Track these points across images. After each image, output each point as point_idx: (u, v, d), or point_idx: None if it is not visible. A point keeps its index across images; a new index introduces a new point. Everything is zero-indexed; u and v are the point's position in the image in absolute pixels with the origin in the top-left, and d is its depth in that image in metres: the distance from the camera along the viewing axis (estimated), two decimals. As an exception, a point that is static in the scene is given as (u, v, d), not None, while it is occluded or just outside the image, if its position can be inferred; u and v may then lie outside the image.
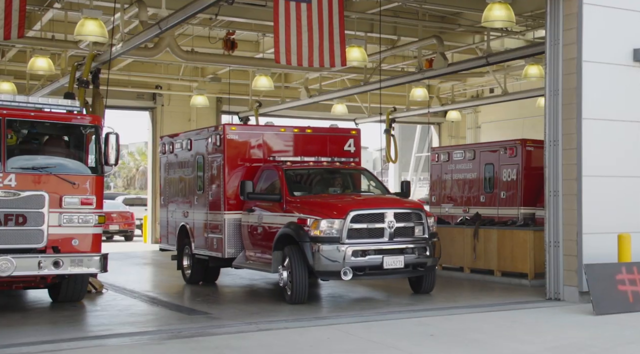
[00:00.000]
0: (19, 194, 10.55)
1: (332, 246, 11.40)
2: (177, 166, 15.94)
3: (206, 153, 14.39)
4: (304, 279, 11.61)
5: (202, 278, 14.92)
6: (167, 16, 14.51)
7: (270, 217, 12.72)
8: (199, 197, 14.65)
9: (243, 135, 14.04)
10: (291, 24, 12.79)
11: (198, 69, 26.05)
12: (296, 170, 13.41)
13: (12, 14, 13.83)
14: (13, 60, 22.58)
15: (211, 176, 14.15)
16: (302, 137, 14.48)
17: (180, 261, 15.39)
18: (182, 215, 15.38)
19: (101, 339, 9.32)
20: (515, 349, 8.57)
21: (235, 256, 13.60)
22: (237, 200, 13.51)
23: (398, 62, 23.65)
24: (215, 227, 13.90)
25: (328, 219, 11.53)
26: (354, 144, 14.79)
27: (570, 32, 11.95)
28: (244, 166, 13.80)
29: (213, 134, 14.10)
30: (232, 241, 13.56)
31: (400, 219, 11.81)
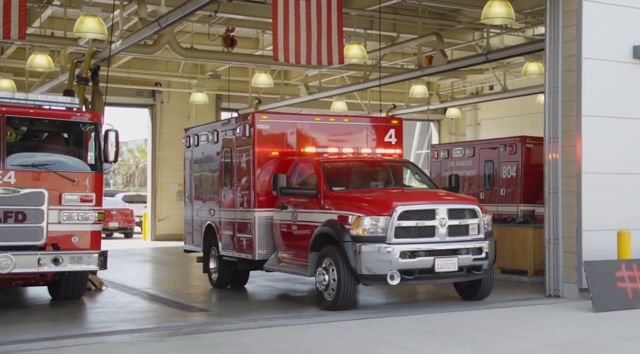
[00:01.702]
0: (18, 192, 10.55)
1: (377, 246, 10.25)
2: (202, 160, 14.72)
3: (234, 145, 13.20)
4: (351, 283, 10.49)
5: (230, 282, 13.81)
6: (167, 13, 14.52)
7: (306, 215, 11.57)
8: (226, 193, 13.46)
9: (274, 125, 12.71)
10: (290, 21, 12.79)
11: (197, 66, 26.06)
12: (334, 163, 12.28)
13: (11, 13, 13.81)
14: (12, 57, 22.57)
15: (239, 170, 12.98)
16: (338, 127, 13.23)
17: (207, 263, 14.24)
18: (208, 213, 14.20)
19: (101, 336, 9.33)
20: (515, 346, 8.58)
21: (267, 257, 12.39)
22: (268, 196, 12.36)
23: (398, 59, 23.65)
24: (245, 226, 12.72)
25: (372, 216, 10.37)
26: (395, 135, 13.53)
27: (570, 29, 11.94)
28: (275, 159, 12.58)
29: (242, 124, 12.86)
30: (263, 242, 12.39)
31: (453, 216, 10.69)
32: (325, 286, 10.74)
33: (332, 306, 10.63)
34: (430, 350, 8.39)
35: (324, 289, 10.79)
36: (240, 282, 13.95)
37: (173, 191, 27.71)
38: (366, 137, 13.33)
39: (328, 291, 10.73)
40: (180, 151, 27.26)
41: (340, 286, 10.47)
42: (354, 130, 13.30)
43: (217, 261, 13.88)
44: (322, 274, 10.79)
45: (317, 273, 10.84)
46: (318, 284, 10.88)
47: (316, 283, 10.95)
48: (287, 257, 12.12)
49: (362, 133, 13.31)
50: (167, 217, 27.56)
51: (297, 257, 11.79)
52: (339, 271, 10.46)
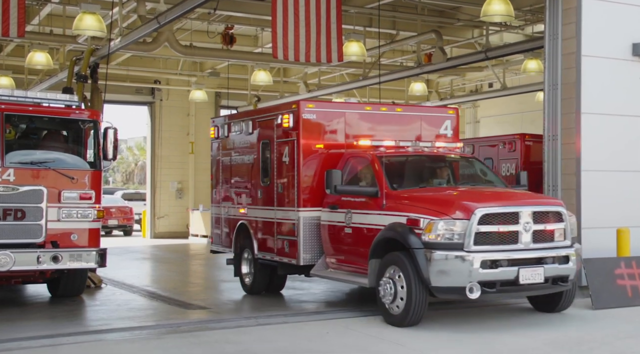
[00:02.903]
0: (17, 189, 10.54)
1: (453, 254, 8.96)
2: (234, 153, 13.38)
3: (274, 136, 11.94)
4: (423, 296, 9.21)
5: (266, 287, 12.60)
6: (166, 10, 14.50)
7: (362, 217, 10.36)
8: (264, 190, 12.24)
9: (321, 114, 11.49)
10: (289, 18, 12.77)
11: (197, 63, 26.04)
12: (394, 158, 10.92)
13: (10, 10, 13.79)
14: (11, 54, 22.56)
15: (281, 164, 11.74)
16: (390, 117, 11.98)
17: (239, 266, 13.00)
18: (241, 211, 12.93)
19: (100, 334, 9.33)
20: (515, 343, 8.58)
21: (313, 262, 11.21)
22: (315, 194, 11.26)
23: (397, 57, 23.64)
24: (287, 227, 11.53)
25: (448, 219, 9.08)
26: (451, 127, 12.36)
27: (570, 27, 11.94)
28: (321, 152, 11.40)
29: (284, 112, 11.62)
30: (308, 245, 11.19)
31: (538, 220, 9.39)
32: (391, 299, 9.41)
33: (400, 321, 9.34)
34: (430, 348, 8.39)
35: (389, 302, 9.45)
36: (277, 287, 12.72)
37: (172, 188, 27.72)
38: (420, 129, 12.11)
39: (395, 304, 9.40)
40: (179, 149, 27.76)
41: (410, 299, 9.18)
42: (407, 121, 12.07)
43: (251, 264, 12.65)
44: (388, 284, 9.47)
45: (382, 284, 9.56)
46: (382, 297, 9.55)
47: (379, 295, 9.61)
48: (338, 263, 10.94)
49: (416, 124, 12.12)
50: (166, 215, 27.56)
51: (352, 264, 10.60)
52: (409, 282, 9.19)
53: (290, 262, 11.43)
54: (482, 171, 11.65)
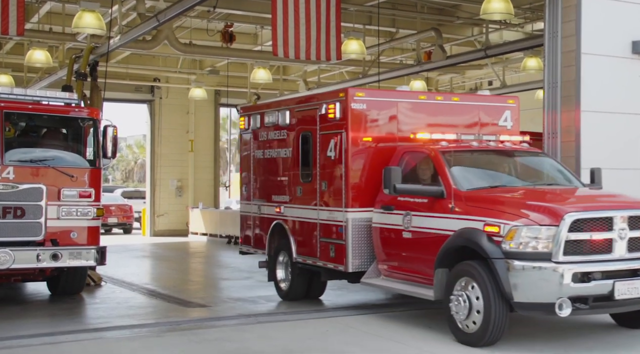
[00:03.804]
0: (17, 187, 10.54)
1: (540, 265, 7.84)
2: (268, 146, 12.23)
3: (317, 128, 10.86)
4: (503, 313, 8.08)
5: (304, 293, 11.57)
6: (165, 8, 14.49)
7: (426, 220, 9.19)
8: (303, 187, 11.18)
9: (372, 104, 10.39)
10: (289, 16, 12.77)
11: (196, 61, 26.02)
12: (457, 153, 9.68)
13: (9, 8, 13.80)
14: (11, 52, 22.54)
15: (325, 159, 10.68)
16: (445, 107, 10.93)
17: (273, 270, 11.92)
18: (277, 210, 11.80)
19: (100, 332, 9.34)
20: (514, 341, 8.58)
21: (363, 269, 10.15)
22: (365, 193, 10.19)
23: (396, 55, 23.62)
24: (332, 229, 10.45)
25: (533, 225, 7.95)
26: (511, 118, 11.34)
27: (569, 25, 11.94)
28: (370, 147, 10.35)
29: (330, 102, 10.55)
30: (358, 250, 10.13)
31: (634, 226, 8.20)
32: (465, 315, 8.30)
33: (476, 340, 8.22)
34: (430, 346, 8.40)
35: (463, 318, 8.33)
36: (316, 293, 11.67)
37: (172, 186, 27.72)
38: (478, 120, 11.09)
39: (470, 320, 8.27)
40: (179, 147, 27.76)
41: (489, 317, 8.04)
42: (464, 111, 11.02)
43: (288, 268, 11.59)
44: (460, 298, 8.34)
45: (453, 298, 8.44)
46: (454, 312, 8.44)
47: (450, 310, 8.50)
48: (393, 270, 9.86)
49: (474, 115, 11.07)
50: (166, 213, 27.56)
51: (410, 273, 9.49)
52: (487, 296, 8.06)
53: (336, 268, 10.33)
54: (555, 168, 10.31)
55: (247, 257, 19.25)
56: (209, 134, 28.37)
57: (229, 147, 57.65)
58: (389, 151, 10.15)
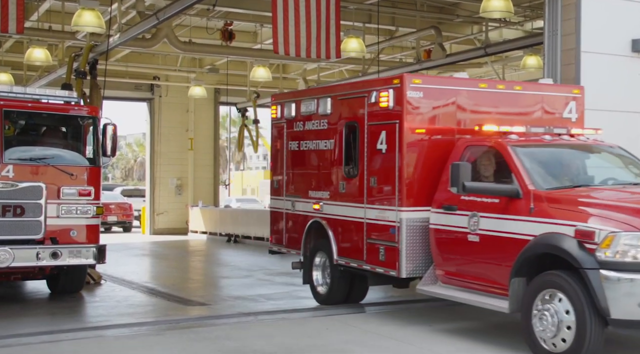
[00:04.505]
0: (16, 185, 10.54)
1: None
2: (304, 137, 11.28)
3: (365, 118, 9.90)
4: (599, 331, 7.18)
5: (345, 297, 10.70)
6: (165, 7, 14.48)
7: (498, 223, 8.20)
8: (348, 183, 10.26)
9: (429, 92, 9.37)
10: (289, 14, 12.77)
11: (196, 60, 26.02)
12: (531, 148, 8.74)
13: (9, 7, 13.80)
14: (10, 51, 22.53)
15: (374, 152, 9.71)
16: (507, 96, 9.96)
17: (309, 272, 11.07)
18: (315, 207, 10.89)
19: (100, 330, 9.34)
20: (516, 339, 8.59)
21: (416, 274, 9.23)
22: (420, 190, 9.23)
23: (396, 53, 23.62)
24: (383, 229, 9.50)
25: (634, 232, 7.05)
26: (576, 109, 10.38)
27: (569, 23, 11.94)
28: (426, 139, 9.38)
29: (382, 89, 9.56)
30: (412, 253, 9.18)
31: None
32: (553, 332, 7.37)
33: None
34: (429, 344, 8.40)
35: (550, 335, 7.40)
36: (358, 297, 10.81)
37: (172, 185, 27.72)
38: (542, 111, 10.14)
39: (557, 338, 7.36)
40: (179, 145, 27.76)
41: (584, 334, 7.14)
42: (527, 101, 10.09)
43: (327, 270, 10.75)
44: (547, 312, 7.43)
45: (537, 313, 7.52)
46: (538, 329, 7.52)
47: (532, 326, 7.57)
48: (454, 277, 8.86)
49: (537, 106, 10.13)
50: (165, 211, 27.56)
51: (477, 281, 8.50)
52: (580, 311, 7.17)
53: (387, 273, 9.43)
54: (636, 165, 9.37)
55: (247, 255, 19.35)
56: (209, 133, 28.37)
57: (228, 145, 57.68)
58: (447, 145, 9.27)
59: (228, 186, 40.61)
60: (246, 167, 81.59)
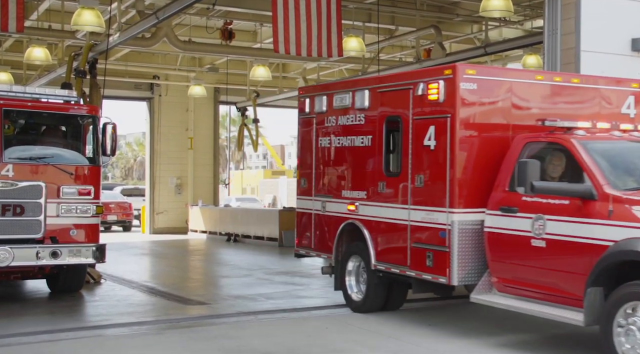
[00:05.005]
0: (16, 185, 10.54)
1: None
2: (337, 132, 10.61)
3: (409, 112, 9.21)
4: None
5: (382, 305, 10.06)
6: (164, 6, 14.47)
7: (570, 226, 7.51)
8: (389, 182, 9.55)
9: (484, 84, 8.70)
10: (290, 13, 12.75)
11: (196, 59, 26.02)
12: (602, 145, 8.12)
13: (9, 5, 13.79)
14: (10, 50, 22.52)
15: (420, 149, 9.02)
16: (564, 90, 9.33)
17: (341, 277, 10.37)
18: (349, 208, 10.20)
19: (100, 330, 9.34)
20: (513, 339, 8.59)
21: (468, 282, 8.54)
22: (473, 190, 8.56)
23: (396, 52, 23.61)
24: (430, 233, 8.79)
25: None
26: (635, 105, 9.66)
27: (569, 22, 11.93)
28: (480, 135, 8.68)
29: (430, 80, 8.88)
30: (464, 259, 8.46)
31: None
32: None
33: None
34: (429, 343, 8.40)
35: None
36: (396, 304, 10.20)
37: (171, 184, 27.72)
38: (599, 106, 9.47)
39: None
40: (178, 145, 27.74)
41: None
42: (585, 95, 9.43)
43: (362, 275, 10.10)
44: (634, 327, 6.82)
45: (621, 330, 6.91)
46: (625, 347, 6.87)
47: (613, 343, 6.94)
48: (513, 286, 8.17)
49: (595, 100, 9.48)
50: (165, 211, 27.56)
51: (543, 290, 7.81)
52: None
53: (435, 280, 8.72)
54: None
55: (247, 255, 19.36)
56: (209, 132, 28.36)
57: (228, 144, 57.69)
58: (502, 141, 8.64)
59: (228, 185, 40.61)
60: (246, 166, 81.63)
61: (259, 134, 28.52)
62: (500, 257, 8.25)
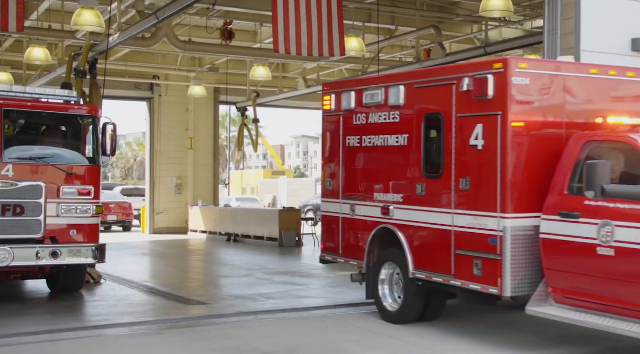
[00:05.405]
0: (16, 185, 10.54)
1: None
2: (368, 131, 10.02)
3: (453, 109, 8.65)
4: None
5: (420, 315, 9.40)
6: (165, 6, 14.47)
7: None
8: (429, 184, 8.99)
9: (537, 79, 8.17)
10: (290, 12, 12.74)
11: (196, 59, 26.02)
12: None
13: (9, 5, 13.80)
14: (10, 50, 22.52)
15: (465, 149, 8.49)
16: (617, 84, 8.78)
17: (374, 285, 9.76)
18: (383, 212, 9.59)
19: (100, 330, 9.34)
20: (514, 338, 8.59)
21: (521, 292, 7.91)
22: (527, 194, 8.01)
23: (396, 52, 23.61)
24: (478, 239, 8.21)
25: None
26: None
27: (569, 22, 11.93)
28: (533, 134, 8.14)
29: (478, 76, 8.31)
30: (518, 268, 7.90)
31: None
32: None
33: None
34: (429, 343, 8.40)
35: None
36: (434, 315, 9.52)
37: (171, 184, 27.72)
38: None
39: None
40: (179, 145, 27.74)
41: None
42: (637, 90, 8.86)
43: (398, 284, 9.49)
44: None
45: None
46: None
47: None
48: (574, 297, 7.64)
49: None
50: (165, 211, 27.56)
51: (609, 302, 7.30)
52: None
53: (485, 290, 8.09)
54: None
55: (247, 255, 19.35)
56: (209, 132, 28.36)
57: (228, 144, 57.70)
58: (556, 140, 8.14)
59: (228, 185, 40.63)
60: (246, 166, 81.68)
61: (259, 134, 28.52)
62: (559, 266, 7.71)
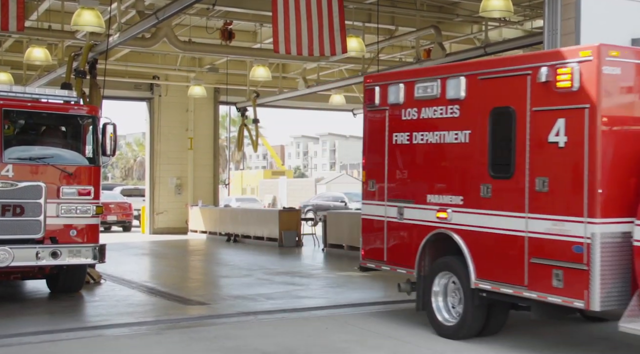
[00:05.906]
0: (16, 185, 10.54)
1: None
2: (420, 127, 9.23)
3: (527, 102, 7.88)
4: None
5: (480, 329, 8.58)
6: (164, 6, 14.47)
7: None
8: (496, 185, 8.18)
9: (628, 69, 7.51)
10: (290, 12, 12.73)
11: (195, 59, 26.02)
12: None
13: (9, 5, 13.80)
14: (9, 50, 22.52)
15: (542, 146, 7.73)
16: None
17: (427, 296, 8.96)
18: (438, 216, 8.84)
19: (99, 330, 9.34)
20: (514, 339, 8.59)
21: (614, 306, 7.20)
22: (616, 197, 7.28)
23: (396, 52, 23.61)
24: (559, 247, 7.46)
25: None
26: None
27: (569, 22, 11.94)
28: (622, 130, 7.46)
29: (560, 64, 7.66)
30: (607, 279, 7.17)
31: None
32: None
33: None
34: (428, 343, 8.40)
35: None
36: (495, 329, 8.70)
37: (171, 184, 27.73)
38: None
39: None
40: (178, 145, 27.75)
41: None
42: None
43: (456, 295, 8.69)
44: None
45: None
46: None
47: None
48: None
49: None
50: (165, 211, 27.56)
51: None
52: None
53: (567, 303, 7.35)
54: None
55: (247, 255, 19.35)
56: (209, 132, 28.37)
57: (228, 145, 57.70)
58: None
59: (228, 185, 40.64)
60: (246, 166, 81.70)
61: (259, 135, 28.51)
62: None
